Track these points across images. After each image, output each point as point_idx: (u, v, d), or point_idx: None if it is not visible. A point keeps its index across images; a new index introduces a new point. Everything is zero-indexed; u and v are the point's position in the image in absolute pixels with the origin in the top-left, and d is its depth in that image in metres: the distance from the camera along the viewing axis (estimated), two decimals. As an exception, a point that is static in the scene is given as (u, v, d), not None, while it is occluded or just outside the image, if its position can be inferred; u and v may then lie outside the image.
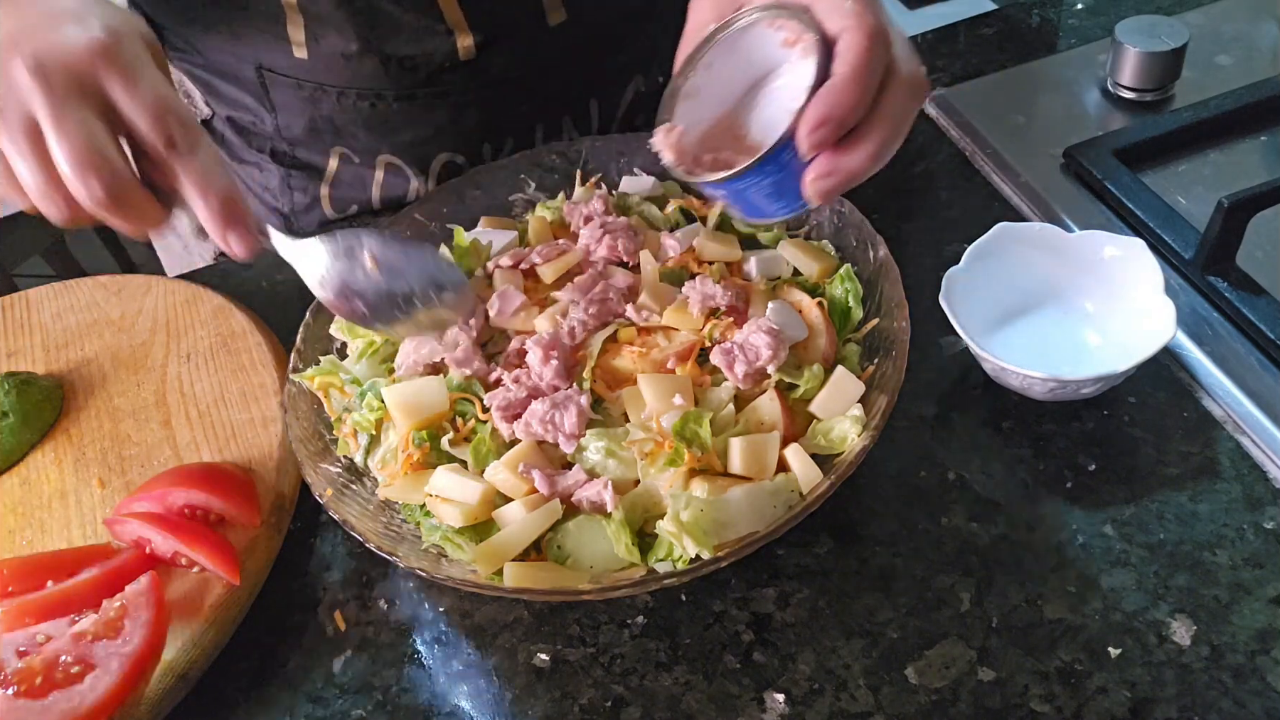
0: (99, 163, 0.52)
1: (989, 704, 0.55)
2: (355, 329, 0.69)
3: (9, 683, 0.55)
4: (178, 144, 0.54)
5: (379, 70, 0.83)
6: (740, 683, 0.57)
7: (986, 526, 0.62)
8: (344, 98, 0.85)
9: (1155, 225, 0.74)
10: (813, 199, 0.53)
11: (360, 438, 0.65)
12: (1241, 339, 0.68)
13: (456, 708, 0.58)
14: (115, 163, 0.52)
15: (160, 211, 0.56)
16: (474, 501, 0.58)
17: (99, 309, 0.82)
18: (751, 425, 0.60)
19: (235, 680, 0.61)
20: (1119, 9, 0.97)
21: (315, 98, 0.86)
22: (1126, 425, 0.65)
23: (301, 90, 0.86)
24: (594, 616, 0.61)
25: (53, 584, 0.61)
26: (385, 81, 0.84)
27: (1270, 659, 0.54)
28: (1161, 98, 0.85)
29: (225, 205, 0.55)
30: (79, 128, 0.51)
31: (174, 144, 0.54)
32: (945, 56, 0.95)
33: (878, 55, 0.50)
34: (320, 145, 0.90)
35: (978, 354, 0.65)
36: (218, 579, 0.62)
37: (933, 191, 0.83)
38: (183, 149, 0.54)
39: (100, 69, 0.52)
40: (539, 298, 0.69)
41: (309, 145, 0.90)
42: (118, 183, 0.52)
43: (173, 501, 0.64)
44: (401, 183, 0.90)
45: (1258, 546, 0.59)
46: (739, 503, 0.56)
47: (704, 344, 0.63)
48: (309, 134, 0.89)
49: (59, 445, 0.73)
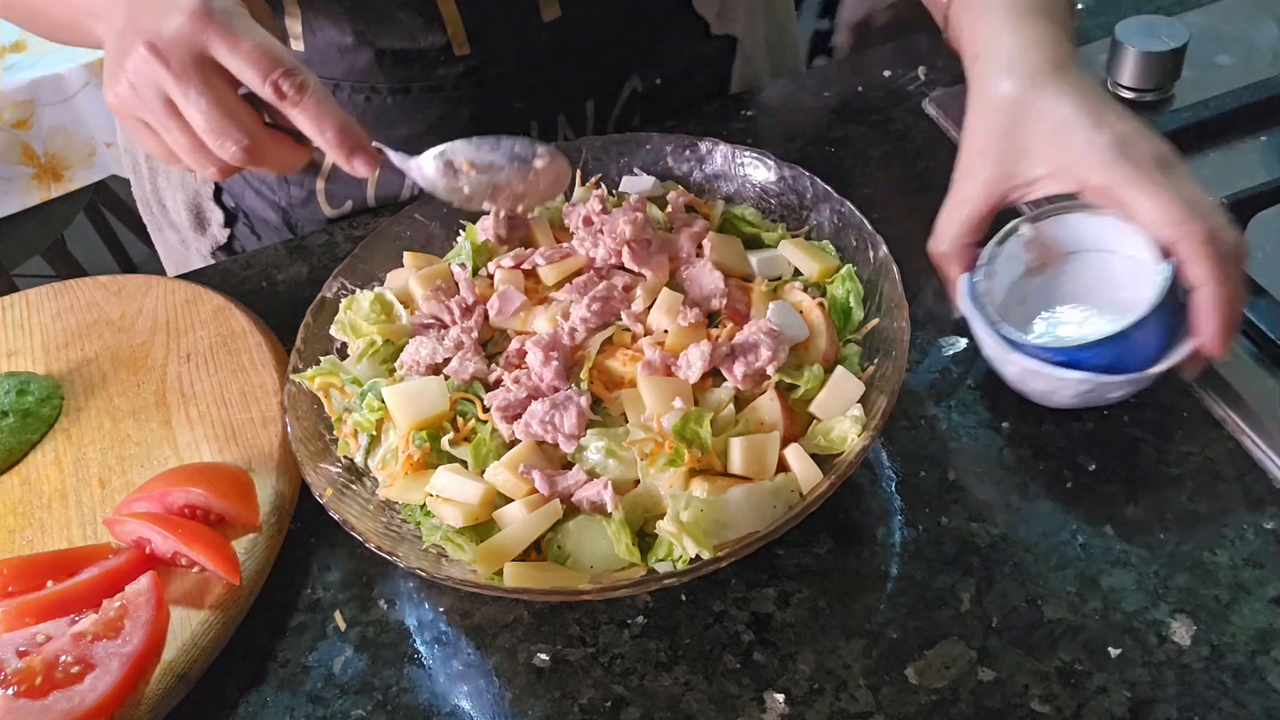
0: (227, 125, 0.57)
1: (989, 704, 0.55)
2: (357, 329, 0.69)
3: (9, 683, 0.56)
4: (285, 92, 0.58)
5: (373, 64, 0.84)
6: (740, 683, 0.57)
7: (986, 526, 0.62)
8: (339, 91, 0.85)
9: (1155, 225, 0.73)
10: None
11: (360, 438, 0.65)
12: (1241, 339, 0.68)
13: (456, 708, 0.58)
14: (243, 120, 0.58)
15: (297, 151, 0.62)
16: (474, 502, 0.58)
17: (99, 309, 0.82)
18: (751, 425, 0.60)
19: (235, 680, 0.61)
20: (1119, 9, 0.97)
21: None
22: (1126, 425, 0.65)
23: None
24: (594, 616, 0.61)
25: (53, 584, 0.61)
26: (379, 75, 0.85)
27: (1270, 659, 0.54)
28: (1161, 98, 0.85)
29: (342, 135, 0.59)
30: (202, 95, 0.57)
31: (282, 93, 0.58)
32: (945, 56, 0.94)
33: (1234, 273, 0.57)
34: None
35: (1004, 357, 0.63)
36: (218, 579, 0.62)
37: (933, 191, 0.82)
38: (290, 96, 0.58)
39: (202, 37, 0.57)
40: (539, 298, 0.69)
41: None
42: (249, 138, 0.58)
43: (173, 501, 0.64)
44: (397, 179, 0.90)
45: (1258, 546, 0.59)
46: (739, 503, 0.56)
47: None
48: None
49: (59, 445, 0.73)
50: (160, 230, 1.04)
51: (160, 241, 1.07)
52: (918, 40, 0.97)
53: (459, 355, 0.65)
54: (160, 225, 1.03)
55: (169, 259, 1.07)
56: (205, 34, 0.57)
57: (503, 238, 0.73)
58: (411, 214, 0.77)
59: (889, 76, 0.93)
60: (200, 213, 0.97)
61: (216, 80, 0.58)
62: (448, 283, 0.71)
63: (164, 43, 0.57)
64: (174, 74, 0.57)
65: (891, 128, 0.88)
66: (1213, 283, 0.56)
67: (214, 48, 0.57)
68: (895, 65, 0.94)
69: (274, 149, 0.60)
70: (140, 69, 0.57)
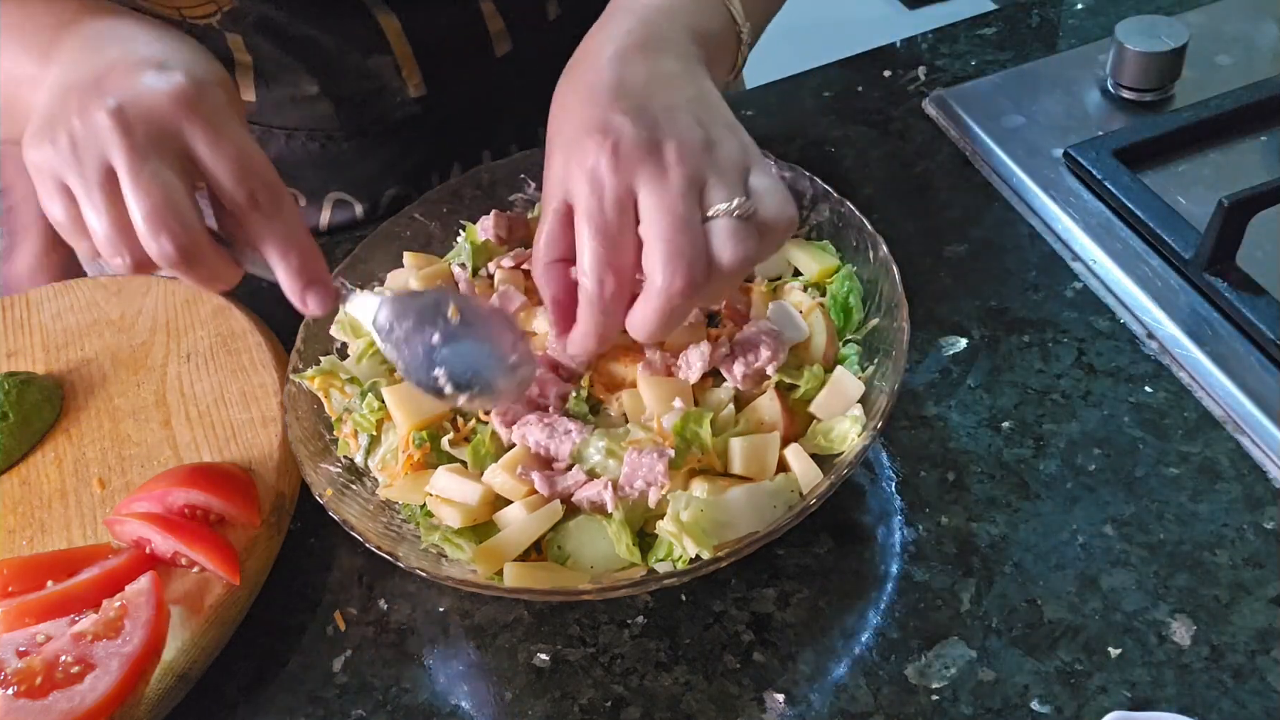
0: (173, 221, 0.50)
1: (989, 704, 0.55)
2: (357, 329, 0.69)
3: (9, 683, 0.56)
4: (261, 203, 0.53)
5: (329, 110, 0.83)
6: (740, 683, 0.57)
7: (986, 526, 0.62)
8: (293, 139, 0.84)
9: (1155, 225, 0.74)
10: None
11: (360, 438, 0.65)
12: (1241, 339, 0.68)
13: (456, 708, 0.58)
14: (189, 221, 0.51)
15: (232, 270, 0.55)
16: (475, 502, 0.58)
17: (99, 309, 0.82)
18: (751, 426, 0.60)
19: (235, 680, 0.61)
20: (1119, 9, 0.97)
21: (263, 140, 0.86)
22: (1126, 425, 0.65)
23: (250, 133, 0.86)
24: (594, 616, 0.61)
25: (53, 584, 0.61)
26: (335, 122, 0.84)
27: (1270, 659, 0.54)
28: (1161, 98, 0.85)
29: (305, 265, 0.54)
30: (156, 182, 0.50)
31: (257, 203, 0.53)
32: (945, 56, 0.95)
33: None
34: None
35: None
36: (218, 579, 0.62)
37: (933, 191, 0.83)
38: (266, 208, 0.53)
39: (183, 120, 0.52)
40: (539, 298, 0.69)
41: None
42: (191, 242, 0.51)
43: (173, 501, 0.64)
44: (349, 215, 0.90)
45: (1258, 546, 0.59)
46: (739, 503, 0.56)
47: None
48: None
49: (59, 445, 0.73)
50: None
51: None
52: (918, 40, 0.97)
53: None
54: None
55: None
56: (188, 120, 0.52)
57: (503, 238, 0.73)
58: (411, 214, 0.76)
59: (889, 76, 0.93)
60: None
61: (177, 170, 0.51)
62: (448, 283, 0.71)
63: (134, 112, 0.51)
64: (133, 147, 0.50)
65: (891, 128, 0.88)
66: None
67: (193, 138, 0.52)
68: (895, 65, 0.94)
69: (211, 259, 0.53)
70: (93, 131, 0.50)
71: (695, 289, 0.50)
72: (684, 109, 0.53)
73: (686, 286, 0.50)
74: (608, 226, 0.51)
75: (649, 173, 0.50)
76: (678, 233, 0.50)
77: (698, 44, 0.58)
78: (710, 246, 0.50)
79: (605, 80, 0.53)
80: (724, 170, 0.52)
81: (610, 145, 0.51)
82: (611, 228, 0.51)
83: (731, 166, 0.52)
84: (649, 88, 0.53)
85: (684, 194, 0.50)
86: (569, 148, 0.53)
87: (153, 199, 0.50)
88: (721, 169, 0.52)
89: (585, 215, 0.51)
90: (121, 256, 0.52)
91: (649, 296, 0.51)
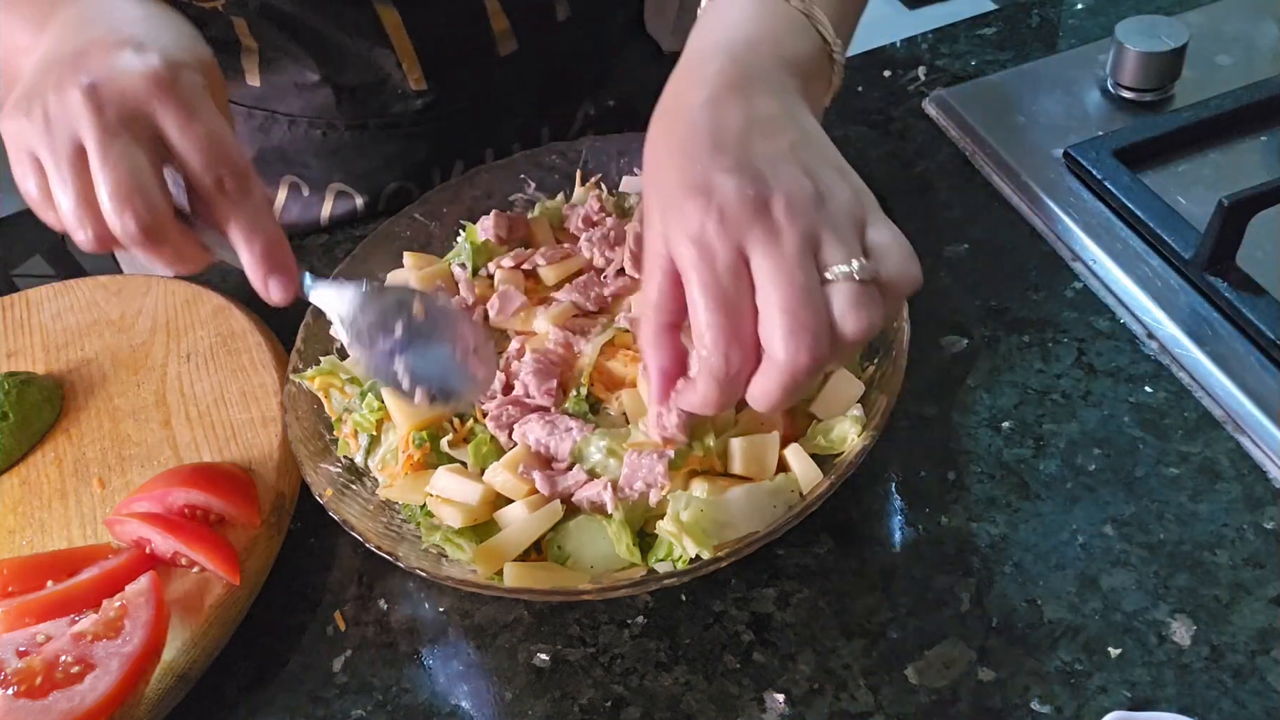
0: (139, 200, 0.51)
1: (989, 704, 0.55)
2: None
3: (9, 683, 0.56)
4: (228, 188, 0.53)
5: (331, 100, 0.83)
6: (740, 683, 0.57)
7: (986, 526, 0.62)
8: (295, 126, 0.85)
9: (1155, 225, 0.74)
10: None
11: (360, 438, 0.65)
12: (1241, 339, 0.68)
13: (456, 708, 0.58)
14: (154, 201, 0.51)
15: (198, 253, 0.55)
16: (475, 502, 0.58)
17: (99, 309, 0.82)
18: (751, 426, 0.60)
19: (235, 680, 0.61)
20: (1119, 9, 0.97)
21: (266, 126, 0.86)
22: (1126, 425, 0.65)
23: (252, 119, 0.86)
24: (594, 616, 0.61)
25: (53, 584, 0.61)
26: (336, 111, 0.84)
27: (1270, 659, 0.54)
28: (1161, 98, 0.85)
29: (270, 252, 0.54)
30: (124, 161, 0.51)
31: (224, 188, 0.53)
32: (945, 56, 0.95)
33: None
34: (269, 175, 0.90)
35: None
36: (218, 579, 0.62)
37: (933, 191, 0.83)
38: (233, 193, 0.53)
39: (155, 102, 0.52)
40: (539, 298, 0.69)
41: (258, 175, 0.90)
42: (154, 221, 0.51)
43: (173, 501, 0.64)
44: (350, 207, 0.91)
45: (1258, 546, 0.59)
46: (739, 503, 0.56)
47: None
48: (258, 163, 0.89)
49: (59, 445, 0.73)
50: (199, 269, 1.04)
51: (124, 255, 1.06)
52: (918, 40, 0.97)
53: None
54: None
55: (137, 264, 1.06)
56: (160, 102, 0.52)
57: (503, 238, 0.73)
58: (411, 214, 0.77)
59: (889, 76, 0.93)
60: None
61: (146, 150, 0.52)
62: (448, 283, 0.71)
63: (107, 92, 0.51)
64: (103, 126, 0.51)
65: (891, 128, 0.88)
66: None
67: (164, 120, 0.52)
68: (895, 65, 0.94)
69: (175, 239, 0.53)
70: (65, 108, 0.51)
71: (819, 362, 0.47)
72: (788, 157, 0.49)
73: (811, 362, 0.46)
74: (726, 296, 0.47)
75: (760, 235, 0.47)
76: (800, 306, 0.46)
77: (792, 74, 0.54)
78: (832, 315, 0.47)
79: (701, 131, 0.50)
80: (839, 225, 0.48)
81: (716, 209, 0.47)
82: (730, 297, 0.47)
83: (847, 220, 0.49)
84: (748, 136, 0.49)
85: (800, 258, 0.47)
86: (668, 208, 0.49)
87: (119, 177, 0.51)
88: (837, 224, 0.48)
89: (700, 285, 0.47)
90: (85, 231, 0.52)
91: (771, 370, 0.47)
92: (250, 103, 0.86)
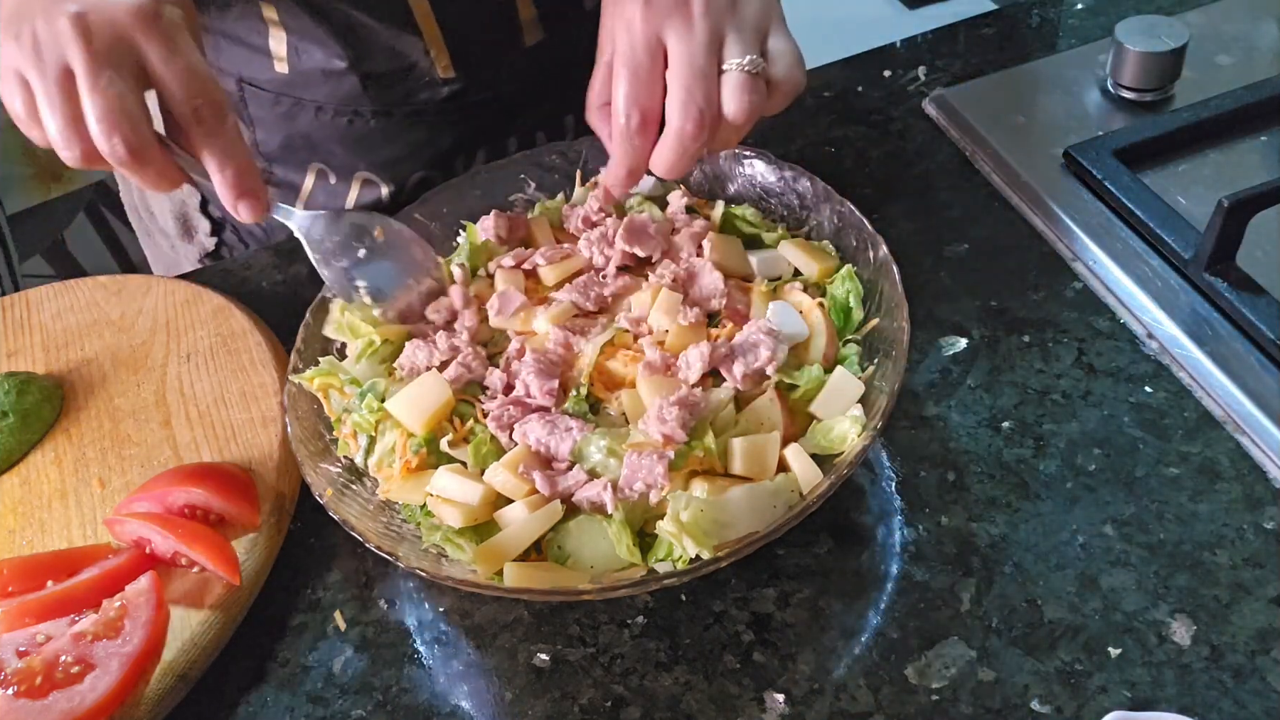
0: (125, 124, 0.55)
1: (989, 704, 0.55)
2: (356, 329, 0.69)
3: (9, 683, 0.56)
4: (204, 118, 0.57)
5: (358, 88, 0.84)
6: (740, 683, 0.57)
7: (986, 526, 0.62)
8: (322, 113, 0.85)
9: (1155, 225, 0.74)
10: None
11: (360, 438, 0.65)
12: (1241, 339, 0.68)
13: (456, 708, 0.58)
14: (140, 125, 0.55)
15: (177, 174, 0.59)
16: (475, 502, 0.58)
17: (99, 309, 0.82)
18: (751, 426, 0.60)
19: (235, 680, 0.61)
20: (1119, 9, 0.97)
21: (292, 113, 0.87)
22: (1126, 425, 0.65)
23: (279, 105, 0.86)
24: (594, 616, 0.61)
25: (53, 584, 0.61)
26: (363, 99, 0.85)
27: (1270, 659, 0.54)
28: (1161, 98, 0.85)
29: (240, 177, 0.58)
30: (112, 87, 0.54)
31: (201, 117, 0.57)
32: (945, 56, 0.95)
33: None
34: (296, 162, 0.90)
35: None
36: (218, 579, 0.62)
37: (933, 191, 0.83)
38: (209, 123, 0.57)
39: (140, 34, 0.55)
40: (539, 298, 0.69)
41: (285, 162, 0.90)
42: (140, 144, 0.55)
43: (173, 501, 0.64)
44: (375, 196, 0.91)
45: (1258, 546, 0.59)
46: (739, 503, 0.56)
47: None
48: (285, 150, 0.89)
49: (59, 445, 0.73)
50: (149, 235, 1.04)
51: (150, 246, 1.07)
52: (918, 40, 0.97)
53: (454, 363, 0.65)
54: (149, 230, 1.03)
55: (158, 263, 1.06)
56: (145, 34, 0.55)
57: (503, 238, 0.73)
58: (411, 214, 0.76)
59: (889, 76, 0.93)
60: (187, 221, 0.97)
61: (130, 79, 0.55)
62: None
63: (95, 20, 0.54)
64: (91, 54, 0.54)
65: (891, 128, 0.88)
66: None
67: (148, 51, 0.56)
68: (895, 65, 0.94)
69: (159, 161, 0.57)
70: (54, 34, 0.54)
71: (705, 132, 0.58)
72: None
73: (697, 130, 0.57)
74: (638, 68, 0.58)
75: (676, 24, 0.58)
76: (694, 81, 0.57)
77: None
78: (720, 97, 0.58)
79: None
80: (743, 28, 0.58)
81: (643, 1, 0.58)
82: (641, 69, 0.58)
83: (751, 25, 0.59)
84: None
85: (705, 46, 0.58)
86: (613, 4, 0.61)
87: (107, 101, 0.54)
88: (742, 26, 0.58)
89: (620, 58, 0.59)
90: (71, 150, 0.56)
91: (666, 136, 0.59)
92: (277, 89, 0.86)
